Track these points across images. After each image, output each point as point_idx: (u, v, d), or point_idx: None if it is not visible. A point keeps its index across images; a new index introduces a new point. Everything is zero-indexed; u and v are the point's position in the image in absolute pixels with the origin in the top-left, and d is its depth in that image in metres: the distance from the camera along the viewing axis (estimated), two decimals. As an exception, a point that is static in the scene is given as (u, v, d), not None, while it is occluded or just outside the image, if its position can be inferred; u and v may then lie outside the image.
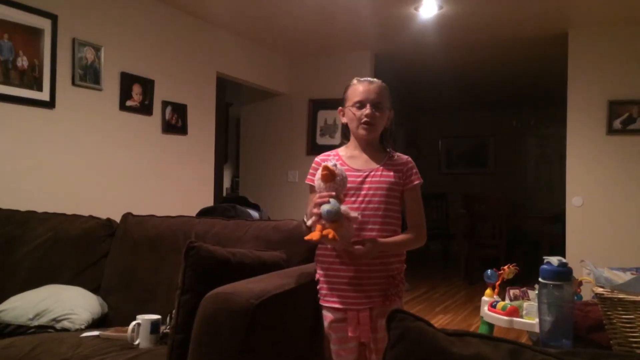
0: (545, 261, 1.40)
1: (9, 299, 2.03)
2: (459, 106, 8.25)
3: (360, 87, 1.75)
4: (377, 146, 1.79)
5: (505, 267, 2.96)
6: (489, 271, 2.95)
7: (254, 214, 2.86)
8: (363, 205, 1.68)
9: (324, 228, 1.55)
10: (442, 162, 8.98)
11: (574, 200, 4.41)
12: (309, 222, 1.62)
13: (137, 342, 1.81)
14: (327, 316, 1.72)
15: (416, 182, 1.76)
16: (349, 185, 1.66)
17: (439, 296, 5.34)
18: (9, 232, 2.50)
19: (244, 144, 5.93)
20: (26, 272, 2.36)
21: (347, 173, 1.68)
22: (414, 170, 1.77)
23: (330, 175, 1.58)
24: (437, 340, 0.95)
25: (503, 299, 2.84)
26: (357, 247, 1.64)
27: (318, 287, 1.75)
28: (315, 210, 1.57)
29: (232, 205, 2.91)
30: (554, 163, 7.87)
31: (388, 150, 1.79)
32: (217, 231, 2.27)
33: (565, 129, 4.52)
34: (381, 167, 1.73)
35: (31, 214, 2.63)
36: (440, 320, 4.31)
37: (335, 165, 1.60)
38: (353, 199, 1.68)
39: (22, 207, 2.72)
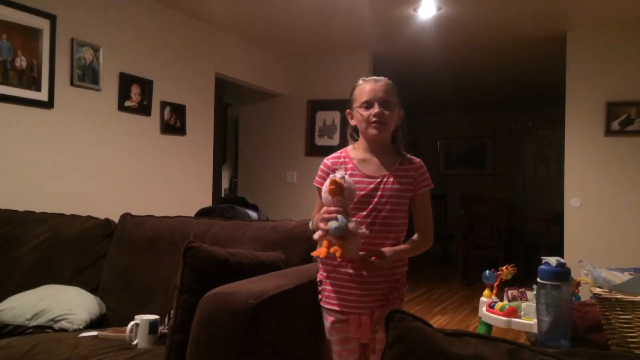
0: (543, 261, 1.41)
1: (7, 299, 2.03)
2: (457, 107, 8.26)
3: (366, 87, 1.70)
4: (389, 148, 1.74)
5: (504, 267, 2.97)
6: (487, 272, 2.95)
7: (253, 214, 2.86)
8: (374, 214, 1.65)
9: (330, 244, 1.53)
10: (440, 162, 8.99)
11: (572, 201, 4.42)
12: (315, 236, 1.59)
13: (135, 342, 1.81)
14: (329, 318, 1.71)
15: (426, 188, 1.73)
16: (360, 192, 1.63)
17: (437, 297, 5.35)
18: (8, 232, 2.50)
19: (242, 145, 5.93)
20: (24, 273, 2.36)
21: (358, 179, 1.65)
22: (426, 176, 1.74)
23: (338, 190, 1.53)
24: (436, 340, 0.95)
25: (501, 300, 2.84)
26: (371, 259, 1.61)
27: (320, 288, 1.73)
28: (322, 225, 1.54)
29: (231, 206, 2.91)
30: (552, 164, 7.88)
31: (401, 152, 1.74)
32: (215, 232, 2.26)
33: (563, 130, 4.53)
34: (393, 174, 1.69)
35: (29, 214, 2.62)
36: (438, 321, 4.31)
37: (343, 177, 1.55)
38: (364, 206, 1.65)
39: (21, 208, 2.72)
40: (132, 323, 1.83)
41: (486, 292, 2.92)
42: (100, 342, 1.82)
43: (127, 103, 3.75)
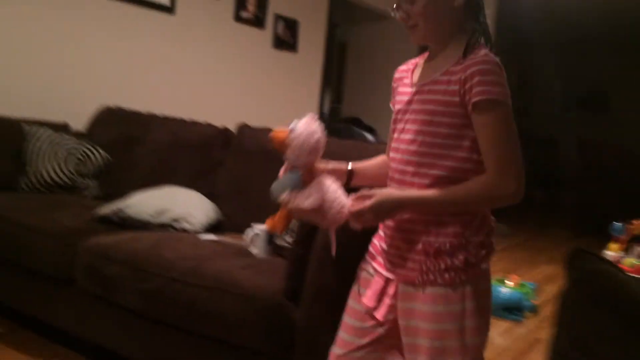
0: None
1: (132, 196, 2.08)
2: (585, 43, 7.48)
3: None
4: (453, 42, 1.14)
5: (637, 221, 2.69)
6: (617, 224, 2.69)
7: (369, 137, 2.74)
8: (400, 136, 1.16)
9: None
10: (556, 104, 8.31)
11: None
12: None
13: (253, 251, 1.80)
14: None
15: (480, 98, 1.02)
16: (399, 107, 1.19)
17: (543, 245, 5.07)
18: (131, 132, 2.58)
19: (350, 69, 5.75)
20: (145, 172, 2.43)
21: (402, 90, 1.21)
22: (480, 79, 1.03)
23: (280, 145, 1.11)
24: (629, 287, 0.81)
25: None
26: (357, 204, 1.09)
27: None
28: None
29: (348, 126, 2.81)
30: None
31: (469, 45, 1.09)
32: (332, 150, 2.14)
33: None
34: (436, 80, 1.11)
35: (151, 116, 2.68)
36: (544, 272, 4.07)
37: (293, 128, 1.12)
38: (395, 127, 1.20)
39: (143, 109, 2.77)
40: (252, 232, 1.81)
41: (614, 245, 2.68)
42: (219, 246, 1.84)
43: (243, 14, 3.68)
